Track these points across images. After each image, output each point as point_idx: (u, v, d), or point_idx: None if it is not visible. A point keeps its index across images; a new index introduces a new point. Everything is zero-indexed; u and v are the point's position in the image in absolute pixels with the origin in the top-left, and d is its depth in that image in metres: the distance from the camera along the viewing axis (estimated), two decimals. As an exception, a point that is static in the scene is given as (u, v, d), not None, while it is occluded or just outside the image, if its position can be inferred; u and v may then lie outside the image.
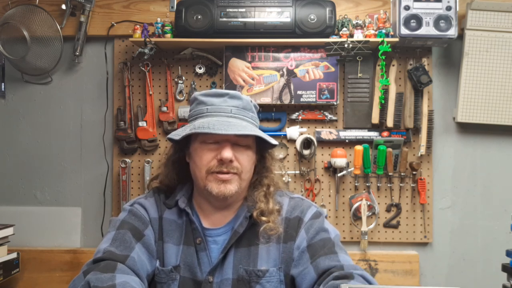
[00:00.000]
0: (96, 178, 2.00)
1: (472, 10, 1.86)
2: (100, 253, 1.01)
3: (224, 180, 1.06)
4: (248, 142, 1.10)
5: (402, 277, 1.88)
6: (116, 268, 0.95)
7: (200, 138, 1.08)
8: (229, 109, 1.09)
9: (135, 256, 1.02)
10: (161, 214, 1.14)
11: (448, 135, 1.97)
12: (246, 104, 1.12)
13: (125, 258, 1.00)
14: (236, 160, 1.07)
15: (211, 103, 1.10)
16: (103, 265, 0.96)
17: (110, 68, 2.00)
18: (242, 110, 1.11)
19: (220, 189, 1.06)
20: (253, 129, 1.09)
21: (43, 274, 1.92)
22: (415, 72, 1.86)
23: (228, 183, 1.07)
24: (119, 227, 1.08)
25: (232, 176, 1.07)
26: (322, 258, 1.02)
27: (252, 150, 1.12)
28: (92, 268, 0.95)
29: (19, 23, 1.91)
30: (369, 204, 1.90)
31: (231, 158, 1.05)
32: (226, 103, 1.09)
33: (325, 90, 1.89)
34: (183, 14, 1.80)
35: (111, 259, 0.98)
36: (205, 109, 1.10)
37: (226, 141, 1.06)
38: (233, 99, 1.11)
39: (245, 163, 1.09)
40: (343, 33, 1.83)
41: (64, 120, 2.03)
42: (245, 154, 1.09)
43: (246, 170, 1.10)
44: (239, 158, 1.08)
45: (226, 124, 1.04)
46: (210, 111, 1.09)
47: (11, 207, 2.00)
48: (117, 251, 1.01)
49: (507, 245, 1.30)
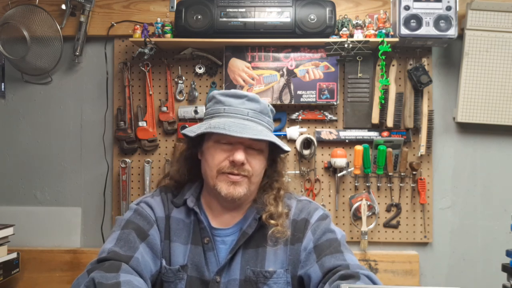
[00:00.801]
0: (96, 178, 2.00)
1: (472, 10, 1.86)
2: (105, 253, 1.01)
3: (234, 181, 1.07)
4: (261, 147, 1.11)
5: (402, 277, 1.88)
6: (120, 268, 0.95)
7: (214, 138, 1.09)
8: (246, 112, 1.09)
9: (139, 257, 1.03)
10: (169, 213, 1.14)
11: (448, 135, 1.97)
12: (263, 108, 1.12)
13: (129, 259, 1.00)
14: (247, 163, 1.08)
15: (229, 103, 1.10)
16: (107, 265, 0.96)
17: (110, 68, 2.00)
18: (259, 114, 1.11)
19: (229, 191, 1.07)
20: (268, 134, 1.09)
21: (43, 274, 1.92)
22: (415, 72, 1.86)
23: (237, 185, 1.07)
24: (124, 226, 1.08)
25: (242, 179, 1.08)
26: (327, 257, 1.03)
27: (264, 154, 1.13)
28: (97, 267, 0.96)
29: (19, 23, 1.91)
30: (369, 204, 1.90)
31: (243, 161, 1.06)
32: (243, 105, 1.10)
33: (325, 90, 1.89)
34: (183, 14, 1.80)
35: (115, 259, 0.99)
36: (222, 109, 1.10)
37: (239, 144, 1.07)
38: (251, 102, 1.11)
39: (256, 166, 1.10)
40: (343, 33, 1.83)
41: (64, 120, 2.03)
42: (257, 158, 1.10)
43: (257, 174, 1.11)
44: (251, 161, 1.08)
45: (241, 126, 1.04)
46: (227, 112, 1.09)
47: (11, 207, 2.00)
48: (121, 251, 1.01)
49: (507, 245, 1.30)
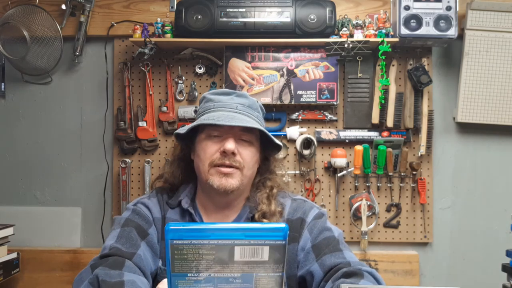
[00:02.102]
0: (96, 178, 2.00)
1: (472, 10, 1.86)
2: (107, 249, 1.01)
3: (225, 173, 1.08)
4: (251, 138, 1.12)
5: (402, 277, 1.88)
6: (124, 265, 0.95)
7: (205, 132, 1.11)
8: (235, 106, 1.12)
9: (141, 254, 1.03)
10: (164, 214, 1.15)
11: (448, 135, 1.97)
12: (252, 103, 1.15)
13: (132, 255, 1.00)
14: (238, 154, 1.09)
15: (218, 100, 1.13)
16: (111, 261, 0.96)
17: (110, 68, 2.00)
18: (248, 108, 1.13)
19: (221, 182, 1.07)
20: (257, 125, 1.10)
21: (43, 274, 1.93)
22: (415, 72, 1.86)
23: (229, 177, 1.08)
24: (124, 224, 1.09)
25: (233, 170, 1.08)
26: (327, 256, 1.03)
27: (255, 147, 1.14)
28: (100, 263, 0.96)
29: (19, 23, 1.91)
30: (369, 204, 1.90)
31: (233, 150, 1.07)
32: (232, 101, 1.13)
33: (325, 90, 1.89)
34: (183, 14, 1.80)
35: (118, 255, 0.99)
36: (212, 105, 1.13)
37: (229, 135, 1.08)
38: (240, 97, 1.14)
39: (247, 158, 1.11)
40: (343, 33, 1.83)
41: (64, 120, 2.03)
42: (248, 149, 1.11)
43: (249, 166, 1.11)
44: (242, 152, 1.10)
45: (231, 117, 1.07)
46: (217, 107, 1.12)
47: (11, 207, 2.00)
48: (124, 248, 1.02)
49: (507, 245, 1.30)
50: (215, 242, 0.48)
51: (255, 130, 1.12)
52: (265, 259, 0.51)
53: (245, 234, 0.48)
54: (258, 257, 0.50)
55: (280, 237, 0.50)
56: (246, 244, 0.49)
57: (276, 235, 0.49)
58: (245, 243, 0.49)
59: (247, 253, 0.50)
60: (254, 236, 0.49)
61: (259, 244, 0.49)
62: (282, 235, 0.50)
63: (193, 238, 0.47)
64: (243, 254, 0.50)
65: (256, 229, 0.49)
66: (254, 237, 0.49)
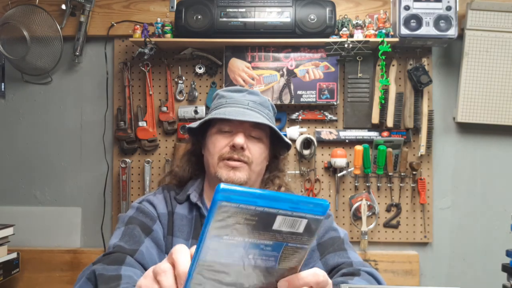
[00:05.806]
0: (96, 178, 2.00)
1: (472, 10, 1.86)
2: (111, 248, 1.03)
3: (233, 167, 1.09)
4: (261, 135, 1.13)
5: (402, 277, 1.88)
6: (124, 261, 0.96)
7: (216, 127, 1.12)
8: (246, 102, 1.13)
9: (144, 250, 1.03)
10: (172, 209, 1.16)
11: (448, 135, 1.97)
12: (263, 101, 1.16)
13: (134, 252, 1.01)
14: (247, 149, 1.10)
15: (231, 96, 1.15)
16: (112, 257, 0.97)
17: (110, 68, 2.00)
18: (259, 105, 1.15)
19: (229, 175, 1.08)
20: (267, 122, 1.12)
21: (43, 274, 1.92)
22: (415, 72, 1.86)
23: (237, 171, 1.09)
24: (128, 222, 1.10)
25: (242, 165, 1.09)
26: (331, 255, 1.04)
27: (264, 144, 1.15)
28: (101, 260, 0.97)
29: (19, 23, 1.91)
30: (369, 204, 1.90)
31: (242, 145, 1.08)
32: (244, 97, 1.14)
33: (325, 90, 1.89)
34: (183, 14, 1.80)
35: (120, 253, 1.00)
36: (224, 101, 1.15)
37: (240, 130, 1.10)
38: (252, 94, 1.16)
39: (256, 154, 1.12)
40: (343, 33, 1.83)
41: (64, 120, 2.03)
42: (257, 145, 1.13)
43: (257, 162, 1.12)
44: (251, 148, 1.11)
45: (241, 113, 1.09)
46: (229, 103, 1.14)
47: (11, 207, 2.00)
48: (127, 246, 1.03)
49: (507, 245, 1.30)
50: (260, 209, 0.47)
51: (265, 128, 1.14)
52: (300, 231, 0.51)
53: (290, 205, 0.48)
54: (295, 228, 0.50)
55: (320, 213, 0.50)
56: (289, 215, 0.49)
57: (317, 210, 0.50)
58: (288, 214, 0.49)
59: (287, 223, 0.50)
60: (298, 208, 0.49)
61: (300, 216, 0.49)
62: (322, 211, 0.50)
63: (242, 202, 0.46)
64: (282, 224, 0.49)
65: (302, 201, 0.49)
66: (298, 209, 0.49)
